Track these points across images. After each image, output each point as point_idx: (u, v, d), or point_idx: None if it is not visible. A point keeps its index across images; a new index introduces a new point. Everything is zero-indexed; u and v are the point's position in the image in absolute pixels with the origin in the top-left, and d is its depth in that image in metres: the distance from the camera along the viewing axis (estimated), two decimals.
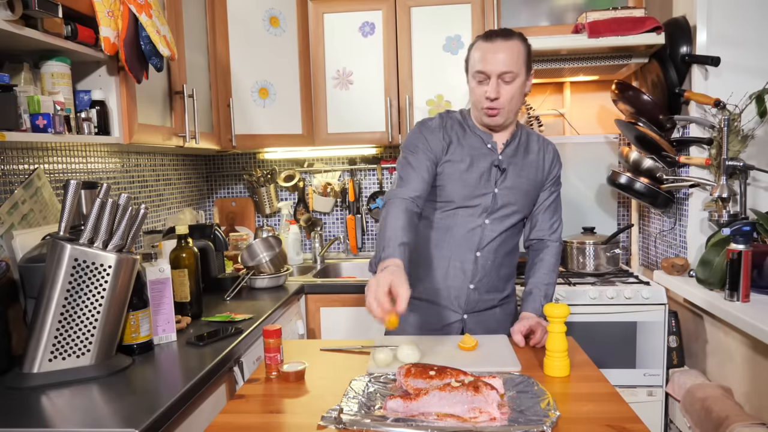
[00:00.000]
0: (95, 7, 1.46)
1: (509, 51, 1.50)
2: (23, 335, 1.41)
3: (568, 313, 1.26)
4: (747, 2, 2.02)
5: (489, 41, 1.52)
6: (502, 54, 1.49)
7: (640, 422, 1.04)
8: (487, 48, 1.51)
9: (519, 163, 1.63)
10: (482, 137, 1.61)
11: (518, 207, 1.63)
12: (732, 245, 1.77)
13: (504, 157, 1.61)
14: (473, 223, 1.60)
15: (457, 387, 1.06)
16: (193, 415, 1.30)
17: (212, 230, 2.26)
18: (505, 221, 1.62)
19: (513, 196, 1.61)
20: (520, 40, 1.54)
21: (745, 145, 1.99)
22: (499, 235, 1.62)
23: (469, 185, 1.59)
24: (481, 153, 1.60)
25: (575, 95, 2.80)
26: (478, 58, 1.52)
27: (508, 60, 1.50)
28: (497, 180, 1.60)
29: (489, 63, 1.50)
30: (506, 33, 1.53)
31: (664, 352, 2.14)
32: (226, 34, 2.40)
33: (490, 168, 1.60)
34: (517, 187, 1.62)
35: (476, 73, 1.53)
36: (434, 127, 1.61)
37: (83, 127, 1.50)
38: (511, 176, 1.61)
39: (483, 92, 1.53)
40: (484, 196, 1.59)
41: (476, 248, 1.61)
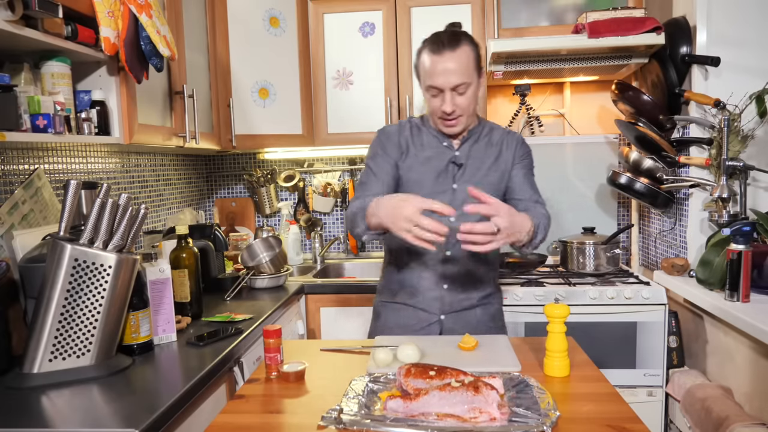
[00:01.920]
0: (95, 7, 1.46)
1: (459, 61, 1.47)
2: (23, 335, 1.41)
3: (568, 313, 1.26)
4: (747, 2, 2.02)
5: (437, 54, 1.47)
6: (452, 65, 1.46)
7: (640, 422, 1.04)
8: (436, 61, 1.47)
9: (479, 156, 1.62)
10: (437, 136, 1.62)
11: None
12: (732, 245, 1.77)
13: (461, 153, 1.61)
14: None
15: (457, 387, 1.06)
16: (193, 415, 1.30)
17: (212, 230, 2.27)
18: (471, 216, 1.49)
19: None
20: (469, 44, 1.50)
21: (745, 145, 1.99)
22: None
23: (426, 185, 1.59)
24: (437, 151, 1.61)
25: (575, 95, 2.80)
26: (428, 71, 1.49)
27: (459, 71, 1.47)
28: (455, 176, 1.60)
29: (440, 77, 1.47)
30: (453, 40, 1.48)
31: (664, 352, 2.14)
32: (226, 34, 2.40)
33: (447, 165, 1.60)
34: (479, 181, 1.60)
35: (429, 87, 1.51)
36: (391, 132, 1.64)
37: (83, 128, 1.50)
38: (470, 171, 1.61)
39: (438, 105, 1.52)
40: (444, 194, 1.59)
41: (445, 247, 1.60)
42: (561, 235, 2.63)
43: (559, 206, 2.78)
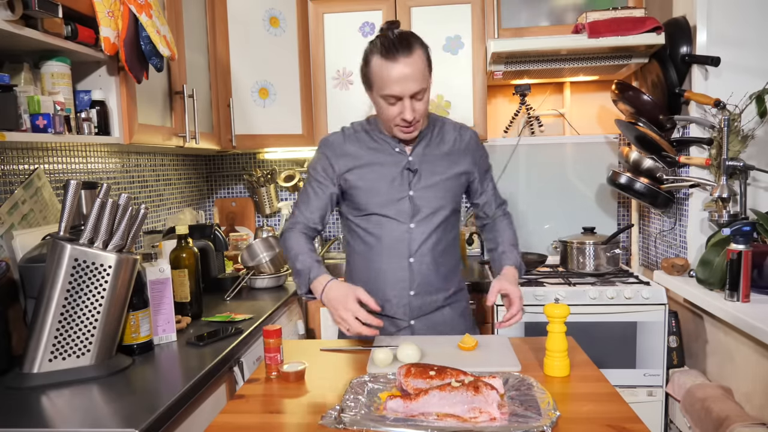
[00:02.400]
0: (95, 7, 1.46)
1: (415, 67, 1.41)
2: (23, 335, 1.41)
3: (568, 313, 1.26)
4: (747, 2, 2.02)
5: (392, 60, 1.40)
6: (409, 72, 1.40)
7: (640, 422, 1.04)
8: (390, 68, 1.40)
9: (433, 159, 1.58)
10: (389, 142, 1.57)
11: (442, 203, 1.58)
12: (732, 245, 1.77)
13: (415, 157, 1.57)
14: (399, 230, 1.56)
15: (457, 387, 1.06)
16: (193, 415, 1.30)
17: (212, 230, 2.27)
18: (433, 220, 1.57)
19: (432, 194, 1.57)
20: (420, 47, 1.44)
21: (745, 145, 1.99)
22: (429, 237, 1.57)
23: (381, 193, 1.55)
24: (390, 158, 1.56)
25: (575, 95, 2.80)
26: (382, 79, 1.42)
27: (417, 77, 1.41)
28: (411, 182, 1.56)
29: (398, 86, 1.41)
30: (406, 43, 1.41)
31: (664, 352, 2.14)
32: (226, 34, 2.40)
33: (402, 171, 1.56)
34: (435, 184, 1.57)
35: (386, 96, 1.44)
36: (336, 144, 1.59)
37: (83, 127, 1.50)
38: (426, 174, 1.57)
39: (396, 113, 1.46)
40: (401, 201, 1.55)
41: (408, 254, 1.57)
42: (561, 235, 2.63)
43: (559, 206, 2.78)
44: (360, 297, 1.35)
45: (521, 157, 2.80)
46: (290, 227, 1.59)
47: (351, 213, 1.61)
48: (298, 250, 1.51)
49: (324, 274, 1.44)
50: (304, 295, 1.50)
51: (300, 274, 1.48)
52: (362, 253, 1.61)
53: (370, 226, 1.58)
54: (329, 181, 1.58)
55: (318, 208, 1.58)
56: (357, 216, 1.59)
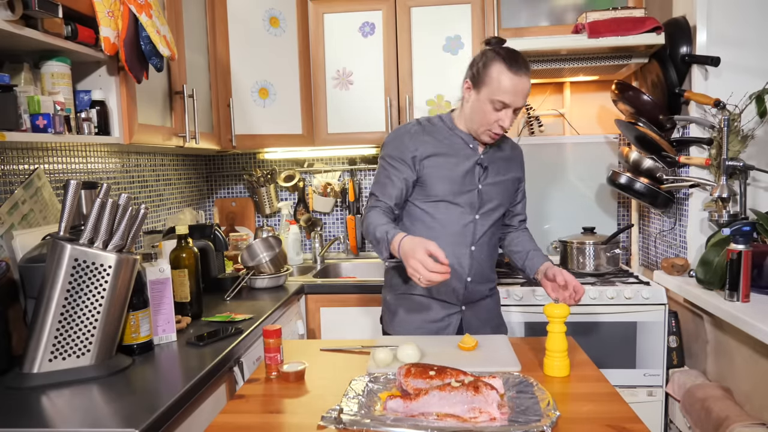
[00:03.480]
0: (95, 7, 1.46)
1: (528, 86, 1.56)
2: (23, 335, 1.41)
3: (568, 313, 1.26)
4: (747, 2, 2.02)
5: (516, 74, 1.53)
6: (523, 88, 1.55)
7: (640, 422, 1.04)
8: (514, 80, 1.53)
9: (497, 162, 1.73)
10: (464, 138, 1.69)
11: (501, 201, 1.73)
12: (732, 245, 1.77)
13: (485, 157, 1.70)
14: (465, 219, 1.68)
15: (457, 387, 1.06)
16: (193, 415, 1.30)
17: (212, 230, 2.27)
18: (492, 215, 1.71)
19: (495, 191, 1.71)
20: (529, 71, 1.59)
21: (745, 145, 1.99)
22: (489, 229, 1.71)
23: (456, 182, 1.66)
24: (464, 152, 1.68)
25: (575, 95, 2.80)
26: (503, 87, 1.53)
27: (527, 94, 1.58)
28: (480, 177, 1.68)
29: (513, 96, 1.54)
30: (527, 63, 1.56)
31: (664, 352, 2.14)
32: (226, 34, 2.40)
33: (474, 166, 1.67)
34: (498, 184, 1.71)
35: (499, 102, 1.55)
36: (414, 131, 1.68)
37: (83, 127, 1.50)
38: (492, 174, 1.70)
39: (497, 119, 1.58)
40: (470, 193, 1.67)
41: (471, 243, 1.69)
42: (561, 235, 2.63)
43: (559, 206, 2.78)
44: (429, 249, 1.37)
45: None
46: (369, 209, 1.65)
47: (419, 198, 1.69)
48: (377, 223, 1.56)
49: (399, 233, 1.48)
50: (386, 260, 1.56)
51: (380, 241, 1.53)
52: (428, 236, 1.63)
53: (437, 212, 1.67)
54: (406, 166, 1.65)
55: (395, 195, 1.65)
56: (425, 201, 1.68)
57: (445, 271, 1.36)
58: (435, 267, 1.35)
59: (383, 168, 1.69)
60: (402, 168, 1.65)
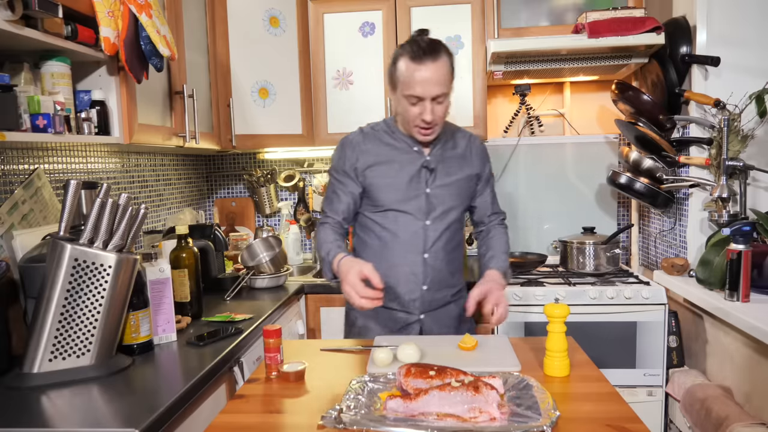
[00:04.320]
0: (95, 7, 1.46)
1: (439, 72, 1.48)
2: (23, 335, 1.41)
3: (568, 313, 1.26)
4: (747, 2, 2.02)
5: (419, 62, 1.47)
6: (433, 76, 1.47)
7: (640, 422, 1.04)
8: (417, 70, 1.47)
9: (448, 161, 1.66)
10: (407, 141, 1.64)
11: (454, 203, 1.66)
12: (732, 245, 1.77)
13: (432, 158, 1.64)
14: (415, 226, 1.63)
15: (457, 387, 1.06)
16: (193, 415, 1.30)
17: (212, 230, 2.26)
18: (445, 219, 1.65)
19: (446, 194, 1.65)
20: (446, 55, 1.51)
21: (745, 145, 1.99)
22: (442, 234, 1.65)
23: (400, 189, 1.62)
24: (408, 156, 1.64)
25: (575, 95, 2.80)
26: (408, 80, 1.49)
27: (440, 81, 1.48)
28: (428, 180, 1.63)
29: (421, 87, 1.48)
30: (434, 50, 1.49)
31: (664, 352, 2.14)
32: (226, 34, 2.40)
33: (419, 170, 1.63)
34: (448, 185, 1.65)
35: (409, 96, 1.51)
36: (355, 142, 1.66)
37: (83, 127, 1.50)
38: (441, 175, 1.64)
39: (417, 113, 1.53)
40: (417, 198, 1.62)
41: (423, 250, 1.64)
42: (561, 235, 2.63)
43: (559, 206, 2.78)
44: (363, 272, 1.38)
45: (521, 157, 2.80)
46: (320, 226, 1.67)
47: (368, 209, 1.67)
48: (323, 240, 1.60)
49: (339, 254, 1.50)
50: (331, 281, 1.56)
51: (324, 261, 1.56)
52: (376, 248, 1.66)
53: (386, 221, 1.64)
54: (351, 180, 1.64)
55: (342, 210, 1.65)
56: (374, 212, 1.65)
57: (376, 297, 1.36)
58: (365, 293, 1.35)
59: (330, 182, 1.68)
60: (346, 181, 1.64)
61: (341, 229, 1.66)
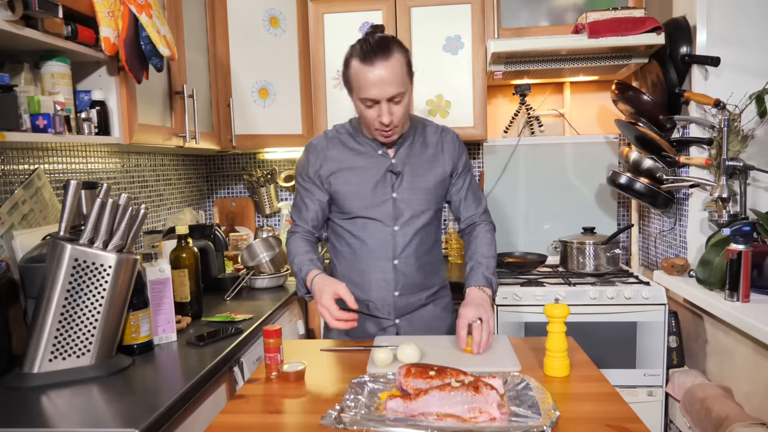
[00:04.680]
0: (95, 7, 1.46)
1: (392, 71, 1.40)
2: (23, 335, 1.41)
3: (568, 313, 1.26)
4: (747, 2, 2.02)
5: (369, 64, 1.40)
6: (386, 76, 1.40)
7: (640, 422, 1.04)
8: (368, 72, 1.40)
9: (415, 161, 1.59)
10: (371, 145, 1.59)
11: (423, 207, 1.59)
12: (732, 245, 1.77)
13: (398, 160, 1.58)
14: (383, 233, 1.58)
15: (457, 387, 1.06)
16: (193, 415, 1.30)
17: (212, 230, 2.26)
18: (414, 223, 1.59)
19: (414, 197, 1.58)
20: (399, 51, 1.44)
21: (745, 145, 1.99)
22: (413, 239, 1.59)
23: (366, 196, 1.56)
24: (373, 160, 1.58)
25: (575, 95, 2.80)
26: (361, 83, 1.43)
27: (394, 81, 1.41)
28: (394, 184, 1.57)
29: (374, 89, 1.41)
30: (384, 48, 1.41)
31: (664, 352, 2.14)
32: (226, 34, 2.40)
33: (385, 174, 1.57)
34: (417, 188, 1.58)
35: (364, 99, 1.45)
36: (319, 147, 1.61)
37: (83, 127, 1.50)
38: (408, 177, 1.58)
39: (374, 116, 1.47)
40: (384, 204, 1.57)
41: (392, 257, 1.59)
42: (561, 235, 2.63)
43: (559, 206, 2.78)
44: (338, 292, 1.37)
45: (521, 157, 2.80)
46: (289, 235, 1.63)
47: (336, 216, 1.63)
48: (295, 252, 1.56)
49: (313, 270, 1.48)
50: (304, 296, 1.54)
51: (297, 276, 1.54)
52: (347, 255, 1.64)
53: (355, 228, 1.60)
54: (316, 187, 1.60)
55: (310, 219, 1.61)
56: (342, 219, 1.62)
57: (350, 319, 1.35)
58: (340, 315, 1.34)
59: (296, 189, 1.64)
60: (312, 188, 1.59)
61: (312, 238, 1.62)
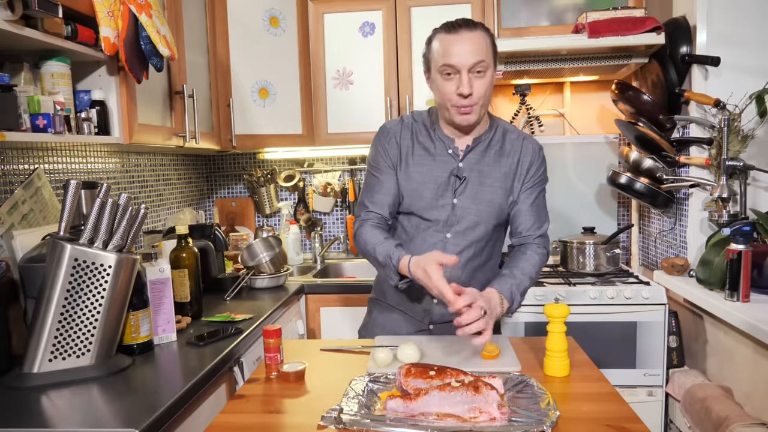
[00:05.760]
0: (95, 7, 1.46)
1: (476, 41, 1.37)
2: (23, 335, 1.41)
3: (568, 313, 1.26)
4: (747, 2, 2.02)
5: (452, 32, 1.38)
6: (469, 44, 1.36)
7: (640, 422, 1.04)
8: (452, 40, 1.37)
9: (485, 169, 1.49)
10: (444, 141, 1.50)
11: (483, 218, 1.49)
12: (732, 245, 1.77)
13: (465, 164, 1.49)
14: (435, 237, 1.50)
15: (457, 387, 1.06)
16: (193, 415, 1.30)
17: (212, 230, 2.26)
18: (470, 234, 1.49)
19: (475, 206, 1.49)
20: (484, 31, 1.41)
21: (745, 145, 1.99)
22: (464, 250, 1.50)
23: (425, 197, 1.48)
24: (441, 160, 1.49)
25: (575, 95, 2.80)
26: (442, 51, 1.38)
27: (478, 49, 1.36)
28: (456, 189, 1.48)
29: (456, 55, 1.36)
30: (469, 22, 1.40)
31: (664, 352, 2.14)
32: (226, 34, 2.40)
33: (449, 177, 1.48)
34: (479, 197, 1.49)
35: (443, 66, 1.38)
36: (391, 133, 1.52)
37: (83, 127, 1.50)
38: (473, 184, 1.49)
39: (453, 88, 1.38)
40: (443, 208, 1.48)
41: None
42: (561, 235, 2.63)
43: (560, 206, 2.78)
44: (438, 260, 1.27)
45: None
46: (360, 225, 1.51)
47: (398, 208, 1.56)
48: (375, 242, 1.44)
49: (404, 255, 1.38)
50: (399, 284, 1.42)
51: (385, 266, 1.42)
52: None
53: (408, 225, 1.54)
54: (389, 167, 1.51)
55: (386, 203, 1.50)
56: (400, 212, 1.55)
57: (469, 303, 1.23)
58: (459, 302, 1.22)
59: (369, 176, 1.55)
60: (385, 170, 1.51)
61: (385, 225, 1.51)
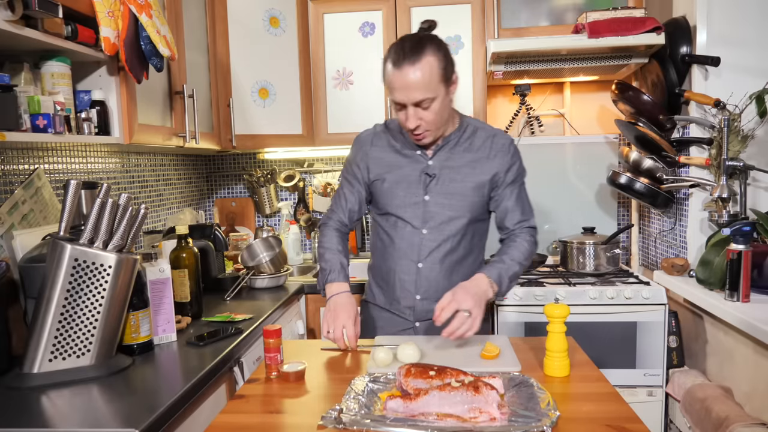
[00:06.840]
0: (95, 7, 1.46)
1: (420, 76, 1.36)
2: (23, 335, 1.41)
3: (568, 313, 1.26)
4: (747, 2, 2.02)
5: (396, 67, 1.38)
6: (413, 81, 1.36)
7: (640, 422, 1.04)
8: (396, 75, 1.38)
9: (455, 165, 1.55)
10: (412, 144, 1.57)
11: (456, 213, 1.55)
12: (732, 245, 1.77)
13: (435, 162, 1.55)
14: (411, 234, 1.57)
15: (457, 387, 1.06)
16: (193, 415, 1.30)
17: (212, 230, 2.26)
18: (445, 229, 1.55)
19: (447, 202, 1.54)
20: (433, 53, 1.38)
21: (745, 145, 1.99)
22: (441, 245, 1.56)
23: (399, 195, 1.57)
24: (410, 160, 1.57)
25: (575, 95, 2.80)
26: (388, 83, 1.42)
27: (421, 86, 1.37)
28: (427, 186, 1.55)
29: (401, 92, 1.39)
30: (415, 51, 1.37)
31: (664, 352, 2.14)
32: (226, 34, 2.40)
33: (420, 175, 1.55)
34: (452, 192, 1.54)
35: (394, 102, 1.44)
36: (365, 140, 1.64)
37: (83, 127, 1.50)
38: (444, 180, 1.54)
39: (404, 119, 1.45)
40: (416, 205, 1.56)
41: (417, 259, 1.58)
42: (561, 235, 2.63)
43: (559, 206, 2.78)
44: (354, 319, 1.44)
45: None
46: (325, 221, 1.67)
47: (374, 209, 1.67)
48: (328, 246, 1.60)
49: (338, 282, 1.52)
50: (320, 291, 1.59)
51: (322, 271, 1.58)
52: (379, 249, 1.67)
53: (387, 225, 1.63)
54: (358, 182, 1.63)
55: (348, 210, 1.65)
56: (377, 213, 1.66)
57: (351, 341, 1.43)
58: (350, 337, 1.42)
59: (342, 179, 1.68)
60: (353, 181, 1.63)
61: (345, 229, 1.66)
